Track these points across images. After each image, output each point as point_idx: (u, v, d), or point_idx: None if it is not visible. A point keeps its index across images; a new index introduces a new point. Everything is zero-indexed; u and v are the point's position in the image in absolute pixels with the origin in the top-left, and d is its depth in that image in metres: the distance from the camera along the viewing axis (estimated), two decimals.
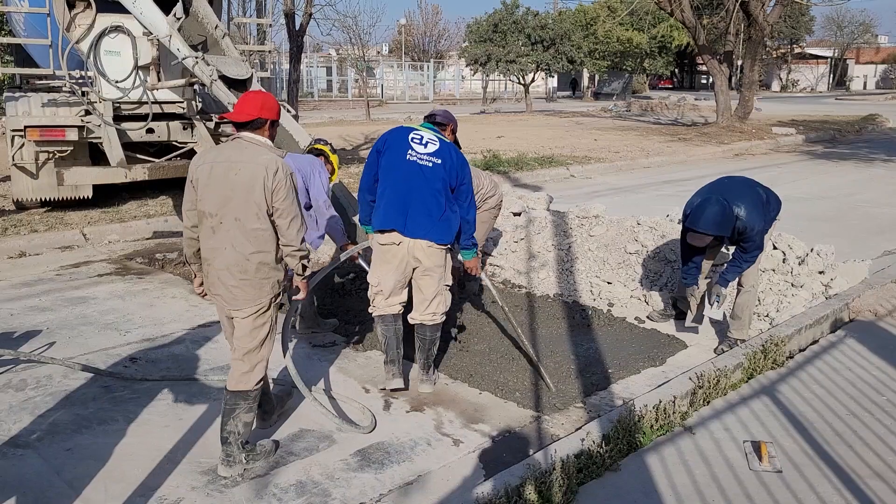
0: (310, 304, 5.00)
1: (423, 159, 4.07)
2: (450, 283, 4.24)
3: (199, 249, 3.29)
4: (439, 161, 4.07)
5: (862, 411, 4.01)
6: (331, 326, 5.12)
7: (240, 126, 3.22)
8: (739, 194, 4.59)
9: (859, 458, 3.51)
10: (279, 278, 3.27)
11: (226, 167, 3.13)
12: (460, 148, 4.48)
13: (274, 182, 3.10)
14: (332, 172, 5.37)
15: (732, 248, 4.90)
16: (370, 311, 4.29)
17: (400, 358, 4.22)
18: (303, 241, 3.28)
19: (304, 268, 3.34)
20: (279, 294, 3.32)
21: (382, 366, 4.28)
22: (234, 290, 3.19)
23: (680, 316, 5.35)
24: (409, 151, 4.09)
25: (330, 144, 5.49)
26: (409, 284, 4.27)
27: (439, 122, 4.45)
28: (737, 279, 4.80)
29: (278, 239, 3.23)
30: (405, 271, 4.15)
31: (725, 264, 4.92)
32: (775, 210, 4.86)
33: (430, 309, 4.18)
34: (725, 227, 4.46)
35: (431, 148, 4.11)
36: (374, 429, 3.76)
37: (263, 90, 5.09)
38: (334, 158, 5.35)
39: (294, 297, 3.53)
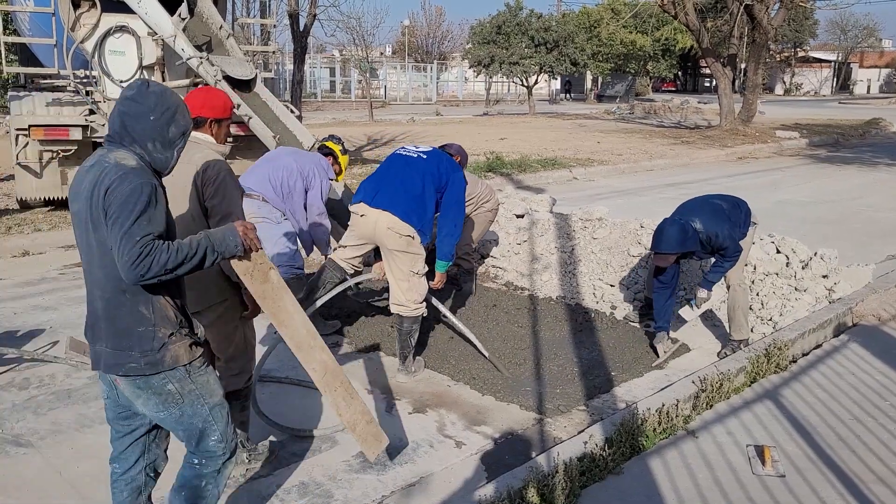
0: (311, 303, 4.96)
1: (410, 152, 4.43)
2: (417, 271, 4.30)
3: None
4: (426, 156, 4.37)
5: (865, 416, 4.00)
6: (331, 328, 5.09)
7: None
8: (694, 210, 4.78)
9: (863, 463, 3.50)
10: (229, 282, 3.11)
11: None
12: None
13: (203, 179, 2.98)
14: (339, 173, 5.39)
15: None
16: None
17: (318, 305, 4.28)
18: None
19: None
20: (234, 296, 3.17)
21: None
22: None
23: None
24: (400, 151, 4.50)
25: (342, 144, 5.50)
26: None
27: (449, 152, 4.81)
28: (721, 280, 4.81)
29: None
30: (365, 245, 4.47)
31: (709, 267, 4.93)
32: (745, 213, 4.88)
33: (396, 294, 4.32)
34: (689, 243, 4.59)
35: (423, 148, 4.48)
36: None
37: (218, 89, 5.06)
38: (343, 159, 5.39)
39: (245, 314, 3.22)
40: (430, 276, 4.44)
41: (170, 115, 2.40)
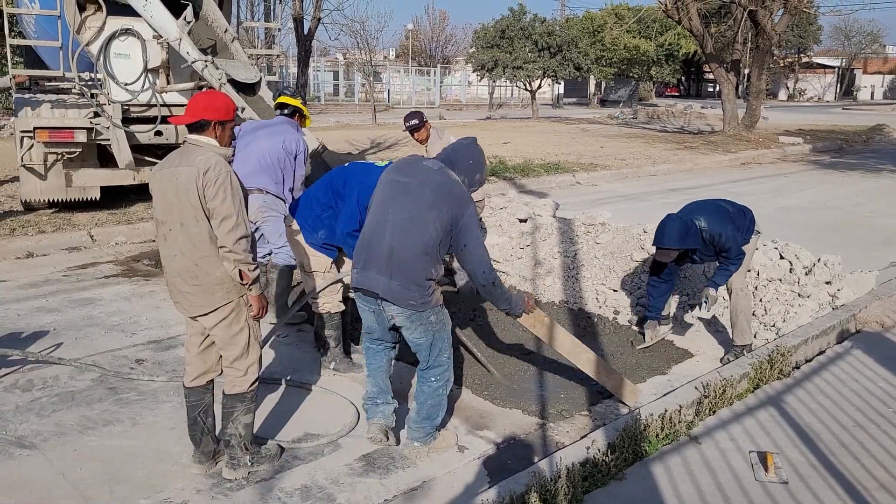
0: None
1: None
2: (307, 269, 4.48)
3: None
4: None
5: (868, 423, 4.00)
6: (299, 318, 5.02)
7: (189, 128, 3.16)
8: (698, 210, 4.84)
9: (865, 470, 3.50)
10: (234, 283, 3.14)
11: (169, 173, 3.08)
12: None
13: (204, 180, 3.00)
14: (306, 118, 5.52)
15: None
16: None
17: None
18: (246, 249, 3.09)
19: (242, 275, 3.11)
20: (243, 297, 3.19)
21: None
22: (189, 296, 3.14)
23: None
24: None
25: (299, 95, 5.55)
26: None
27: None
28: (725, 283, 4.81)
29: None
30: None
31: (714, 271, 4.92)
32: (750, 221, 4.89)
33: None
34: (690, 240, 4.63)
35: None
36: (353, 428, 3.79)
37: (220, 92, 5.12)
38: (305, 109, 5.48)
39: (251, 314, 3.26)
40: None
41: (479, 167, 3.53)
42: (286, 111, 5.35)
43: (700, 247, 4.70)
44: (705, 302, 4.84)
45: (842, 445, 3.74)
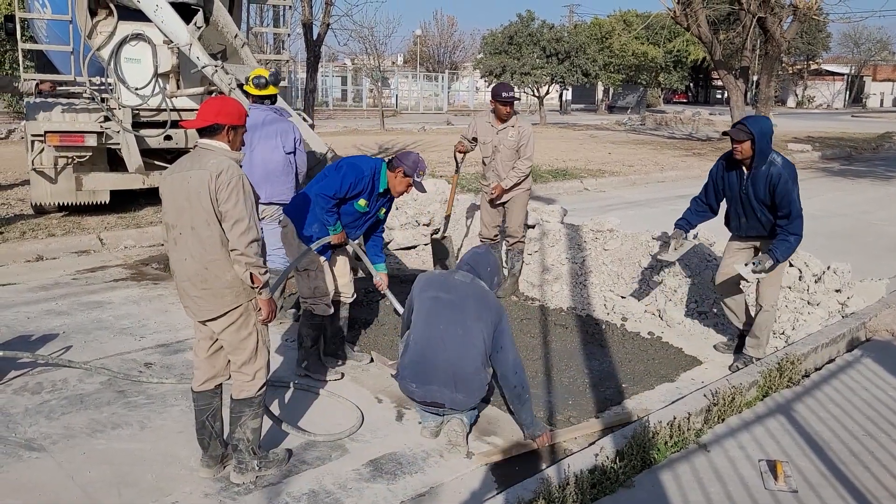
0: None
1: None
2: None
3: None
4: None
5: (878, 432, 3.97)
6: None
7: (200, 132, 3.17)
8: (779, 154, 4.69)
9: (876, 480, 3.47)
10: (243, 287, 3.16)
11: (180, 177, 3.10)
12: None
13: (216, 184, 3.01)
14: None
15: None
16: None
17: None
18: (257, 252, 3.10)
19: (253, 278, 3.10)
20: (252, 302, 3.20)
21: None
22: (198, 300, 3.16)
23: (739, 349, 5.11)
24: None
25: (276, 77, 5.70)
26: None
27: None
28: (786, 259, 4.59)
29: None
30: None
31: (774, 243, 4.62)
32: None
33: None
34: (765, 142, 4.47)
35: None
36: (356, 430, 3.82)
37: (231, 97, 5.22)
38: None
39: (259, 318, 3.26)
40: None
41: (496, 271, 4.01)
42: (268, 101, 5.61)
43: (763, 156, 4.49)
44: (756, 264, 4.53)
45: (852, 454, 3.71)
